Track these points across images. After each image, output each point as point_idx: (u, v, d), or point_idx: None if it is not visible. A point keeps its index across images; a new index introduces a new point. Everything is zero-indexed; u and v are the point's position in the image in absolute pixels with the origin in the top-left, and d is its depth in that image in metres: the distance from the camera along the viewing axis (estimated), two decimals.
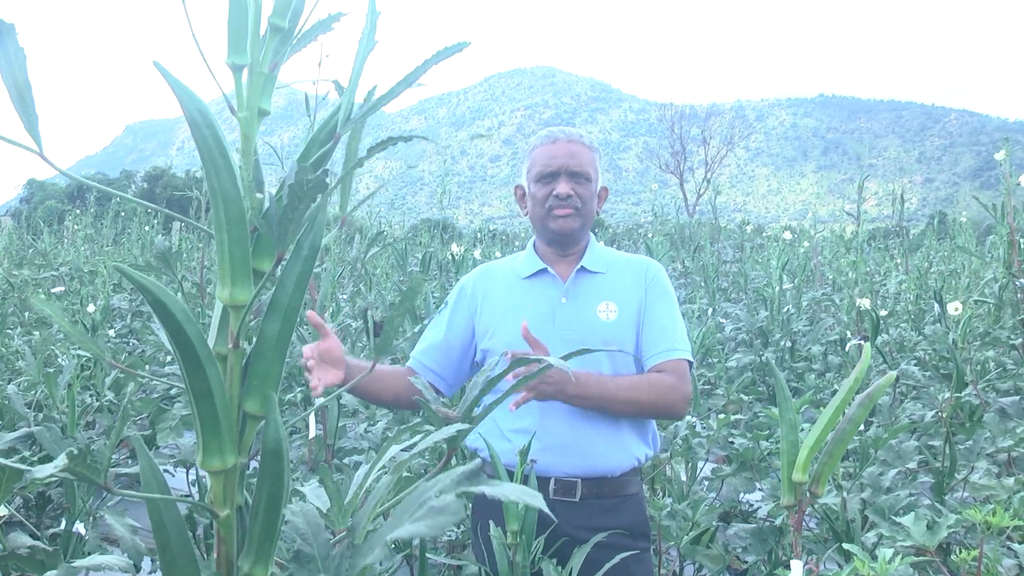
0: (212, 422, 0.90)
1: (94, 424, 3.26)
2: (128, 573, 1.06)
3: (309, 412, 1.07)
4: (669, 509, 2.63)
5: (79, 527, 2.26)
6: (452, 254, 6.38)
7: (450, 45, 0.93)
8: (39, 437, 2.22)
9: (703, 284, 7.91)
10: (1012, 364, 3.94)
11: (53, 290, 6.16)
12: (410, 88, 0.94)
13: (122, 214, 11.83)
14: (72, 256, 8.35)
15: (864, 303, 4.16)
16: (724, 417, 3.05)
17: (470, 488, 0.76)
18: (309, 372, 1.98)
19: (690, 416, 3.25)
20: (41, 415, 2.98)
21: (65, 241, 10.26)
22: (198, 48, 0.87)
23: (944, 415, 2.94)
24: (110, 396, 3.35)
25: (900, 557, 1.28)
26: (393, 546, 2.64)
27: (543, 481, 2.12)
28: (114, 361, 1.00)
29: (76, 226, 10.57)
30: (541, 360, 0.97)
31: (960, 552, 1.51)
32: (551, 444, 2.12)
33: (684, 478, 3.05)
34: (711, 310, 6.54)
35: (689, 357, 2.22)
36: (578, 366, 2.11)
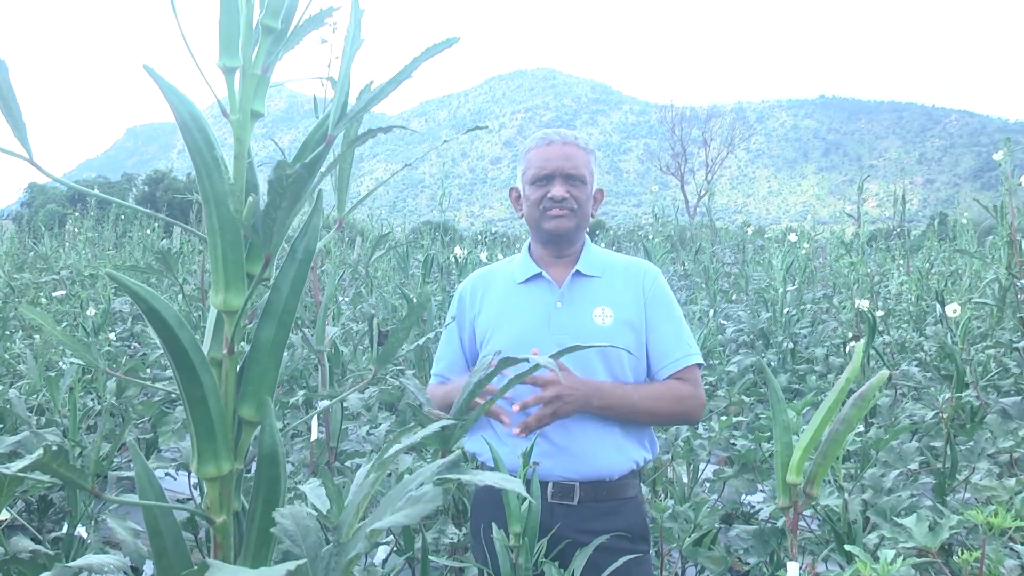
0: (207, 428, 0.90)
1: (96, 428, 3.26)
2: (124, 572, 1.06)
3: (312, 416, 1.07)
4: (671, 511, 2.63)
5: (81, 531, 2.26)
6: (455, 257, 6.38)
7: (439, 41, 0.93)
8: (27, 444, 2.22)
9: (704, 286, 7.91)
10: (1014, 365, 3.94)
11: (54, 294, 6.16)
12: (407, 86, 0.94)
13: (122, 217, 11.83)
14: (73, 260, 8.35)
15: (863, 304, 4.16)
16: (726, 419, 3.05)
17: (449, 476, 0.76)
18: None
19: None
20: (43, 419, 2.98)
21: (66, 245, 10.27)
22: (189, 51, 0.87)
23: (945, 416, 2.94)
24: (112, 400, 3.35)
25: (902, 558, 1.27)
26: (394, 549, 2.64)
27: (541, 485, 2.12)
28: (108, 368, 0.99)
29: (77, 230, 10.57)
30: (536, 363, 0.97)
31: (962, 553, 1.51)
32: (549, 448, 2.12)
33: (686, 480, 3.04)
34: (712, 312, 6.54)
35: (699, 359, 2.26)
36: (573, 370, 2.12)
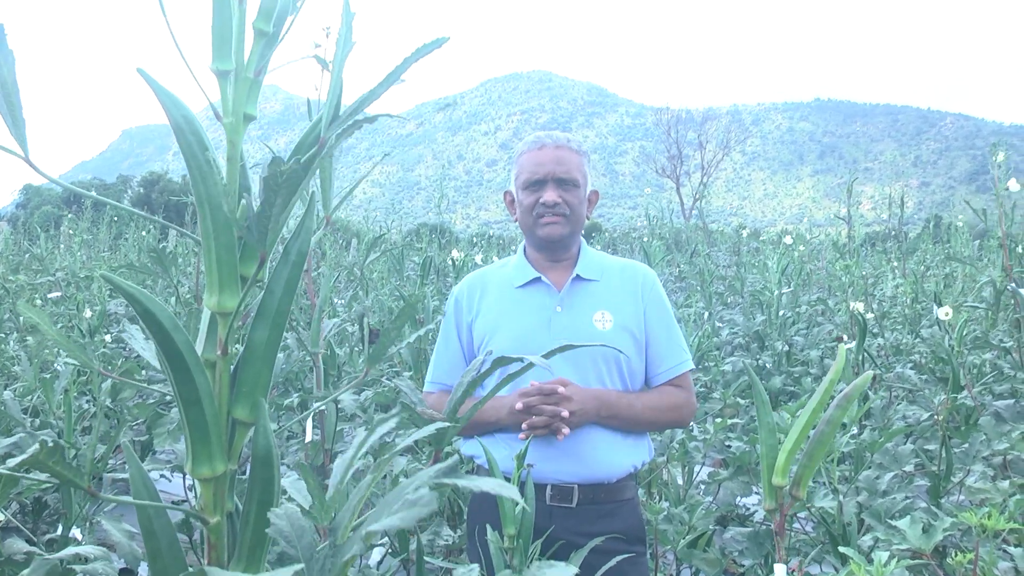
0: (201, 429, 0.90)
1: (91, 430, 3.26)
2: (103, 560, 1.06)
3: (307, 415, 1.07)
4: (666, 513, 2.63)
5: (75, 532, 2.26)
6: (452, 259, 6.38)
7: (429, 42, 0.93)
8: (22, 444, 2.21)
9: (699, 288, 7.92)
10: (1008, 367, 3.95)
11: (50, 295, 6.15)
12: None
13: (115, 220, 11.81)
14: (69, 261, 8.33)
15: (858, 307, 4.17)
16: (721, 421, 3.05)
17: (445, 481, 0.77)
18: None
19: None
20: (38, 421, 2.97)
21: (62, 246, 10.24)
22: (181, 54, 0.87)
23: (940, 418, 2.95)
24: (107, 401, 3.35)
25: (896, 560, 1.28)
26: (389, 551, 2.64)
27: (540, 487, 2.12)
28: (104, 370, 0.99)
29: (73, 231, 10.55)
30: (529, 362, 0.97)
31: (956, 555, 1.51)
32: (548, 451, 2.12)
33: (681, 482, 3.05)
34: (707, 314, 6.55)
35: (691, 365, 2.32)
36: (571, 374, 2.13)
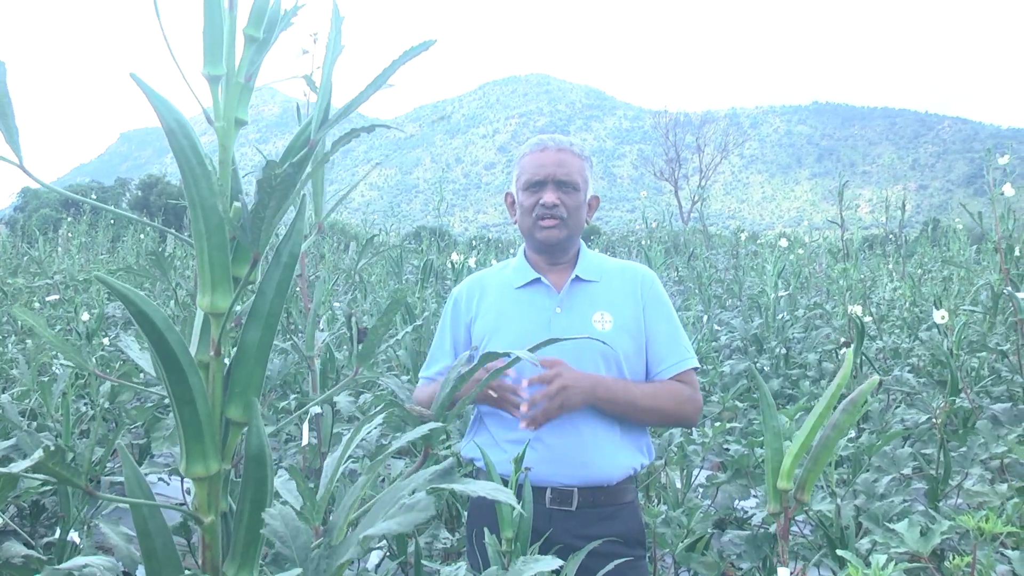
0: (195, 429, 0.91)
1: (89, 432, 3.25)
2: (110, 570, 1.06)
3: (299, 413, 1.07)
4: (664, 516, 2.63)
5: (73, 535, 2.26)
6: (452, 262, 6.39)
7: (416, 44, 0.94)
8: (21, 444, 2.21)
9: (697, 291, 7.92)
10: (1006, 371, 3.95)
11: (48, 298, 6.14)
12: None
13: (113, 223, 11.80)
14: (67, 264, 8.33)
15: (856, 310, 4.17)
16: (719, 424, 3.05)
17: (442, 485, 0.77)
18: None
19: None
20: (36, 424, 2.97)
21: (59, 249, 10.24)
22: (173, 59, 0.88)
23: (938, 421, 2.95)
24: (105, 404, 3.34)
25: (894, 563, 1.28)
26: (387, 554, 2.63)
27: (540, 491, 2.12)
28: (100, 372, 1.00)
29: (71, 234, 10.55)
30: (516, 356, 0.97)
31: (954, 558, 1.51)
32: (547, 454, 2.12)
33: (679, 485, 3.05)
34: (706, 317, 6.55)
35: (696, 363, 2.28)
36: None
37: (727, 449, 3.03)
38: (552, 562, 1.16)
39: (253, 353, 0.94)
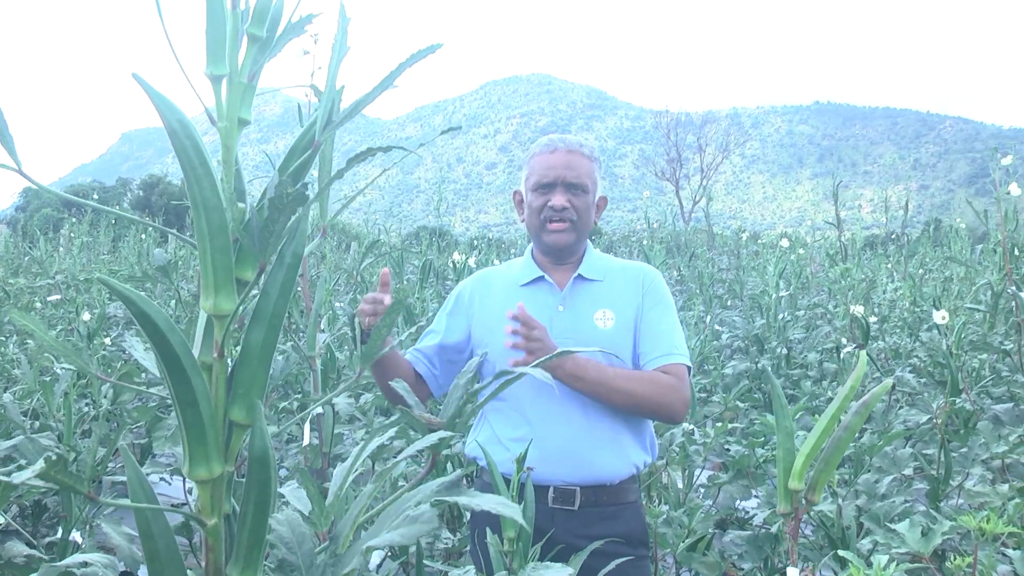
0: (198, 431, 0.90)
1: (91, 433, 3.26)
2: (109, 568, 1.06)
3: (303, 416, 1.07)
4: (665, 516, 2.63)
5: (75, 535, 2.26)
6: (454, 262, 6.39)
7: (423, 48, 0.94)
8: (22, 449, 2.21)
9: (699, 291, 7.92)
10: (1007, 370, 3.95)
11: (49, 298, 6.15)
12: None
13: (114, 222, 11.80)
14: (68, 264, 8.33)
15: (858, 310, 4.17)
16: (721, 425, 3.05)
17: (447, 498, 0.77)
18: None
19: (687, 423, 3.26)
20: (37, 424, 2.97)
21: (61, 249, 10.23)
22: (176, 60, 0.87)
23: (939, 422, 2.95)
24: (107, 404, 3.35)
25: (895, 564, 1.28)
26: (389, 554, 2.63)
27: (542, 489, 2.11)
28: (101, 374, 1.00)
29: (72, 234, 10.55)
30: (521, 373, 0.97)
31: (955, 559, 1.51)
32: (549, 452, 2.12)
33: (680, 485, 3.05)
34: (708, 318, 6.55)
35: (688, 362, 2.21)
36: None
37: (728, 449, 3.03)
38: (562, 571, 1.15)
39: (257, 354, 0.94)
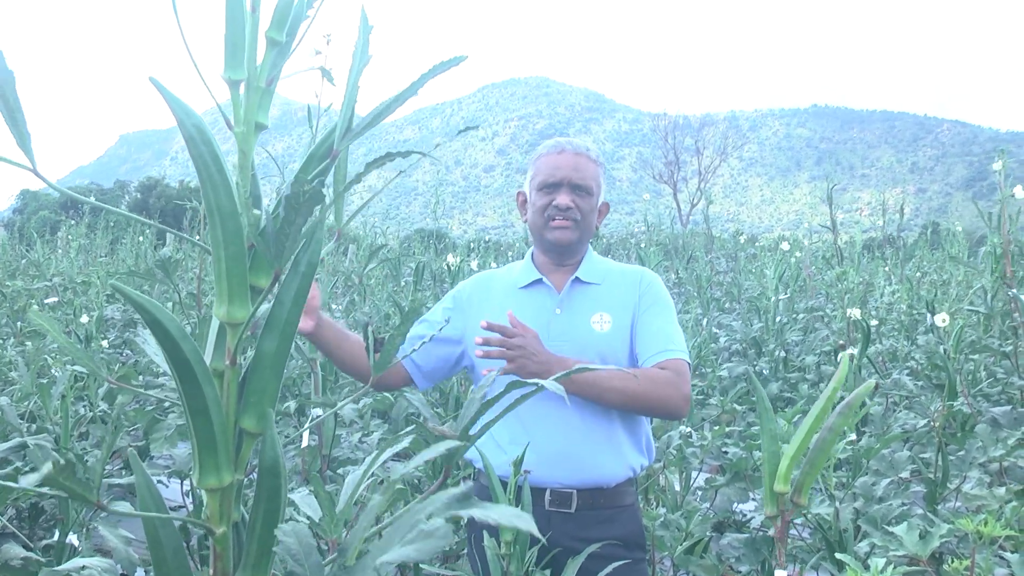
0: (209, 440, 0.89)
1: (88, 435, 3.25)
2: (108, 572, 1.05)
3: (310, 425, 1.07)
4: (663, 519, 2.63)
5: (72, 538, 2.25)
6: (448, 264, 6.38)
7: (446, 60, 0.93)
8: (31, 456, 2.21)
9: (697, 294, 7.93)
10: (1003, 373, 3.95)
11: (46, 301, 6.14)
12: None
13: (112, 225, 11.79)
14: (65, 267, 8.32)
15: (855, 313, 4.18)
16: (718, 428, 3.05)
17: (460, 512, 0.76)
18: None
19: (684, 426, 3.26)
20: (34, 426, 2.97)
21: (58, 252, 10.22)
22: (194, 64, 0.87)
23: (936, 425, 2.95)
24: (104, 407, 3.34)
25: (892, 567, 1.28)
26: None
27: (539, 492, 2.11)
28: (109, 377, 0.99)
29: (70, 236, 10.54)
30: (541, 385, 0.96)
31: (952, 562, 1.51)
32: (546, 455, 2.12)
33: (678, 488, 3.05)
34: (704, 320, 6.55)
35: (687, 358, 2.18)
36: None
37: (726, 452, 3.03)
38: None
39: (269, 363, 0.93)
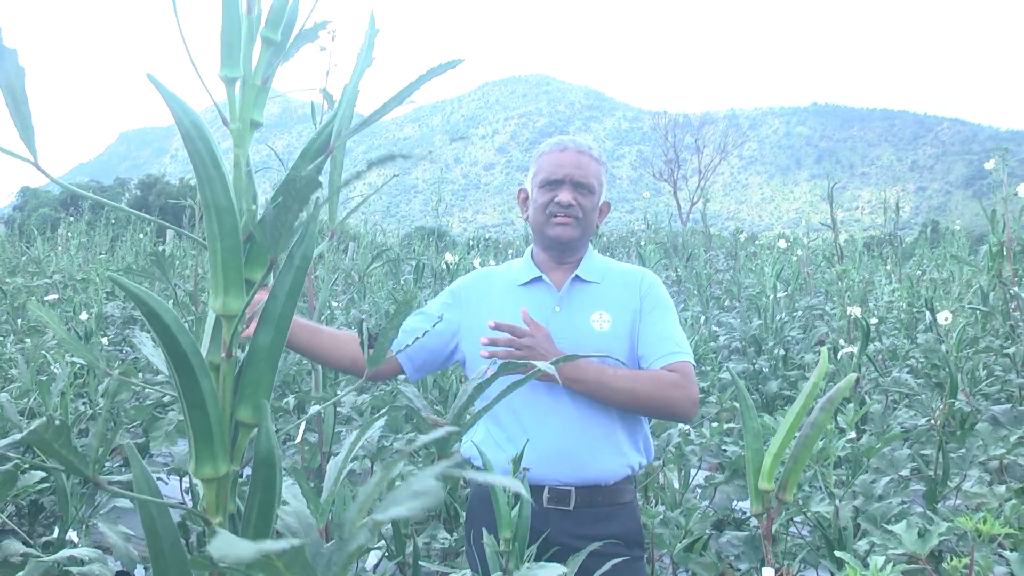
0: (205, 431, 0.91)
1: (87, 432, 3.25)
2: (99, 562, 1.06)
3: (306, 417, 1.07)
4: (662, 517, 2.63)
5: (72, 535, 2.26)
6: (446, 263, 6.39)
7: (444, 62, 0.94)
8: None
9: (696, 292, 7.93)
10: (1000, 370, 3.95)
11: (46, 298, 6.14)
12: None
13: (112, 222, 11.79)
14: (65, 264, 8.33)
15: (855, 312, 4.18)
16: (717, 425, 3.06)
17: (454, 472, 0.77)
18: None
19: (682, 423, 3.26)
20: (34, 423, 2.97)
21: (58, 249, 10.22)
22: (191, 62, 0.88)
23: (937, 423, 2.95)
24: (103, 403, 3.34)
25: (892, 565, 1.28)
26: (386, 554, 2.63)
27: (537, 490, 2.12)
28: (109, 371, 1.00)
29: (70, 234, 10.54)
30: (539, 369, 0.97)
31: (952, 560, 1.51)
32: (544, 453, 2.12)
33: (677, 486, 3.05)
34: (704, 318, 6.56)
35: (690, 359, 2.19)
36: None
37: (725, 450, 3.04)
38: (556, 569, 1.16)
39: (264, 355, 0.95)
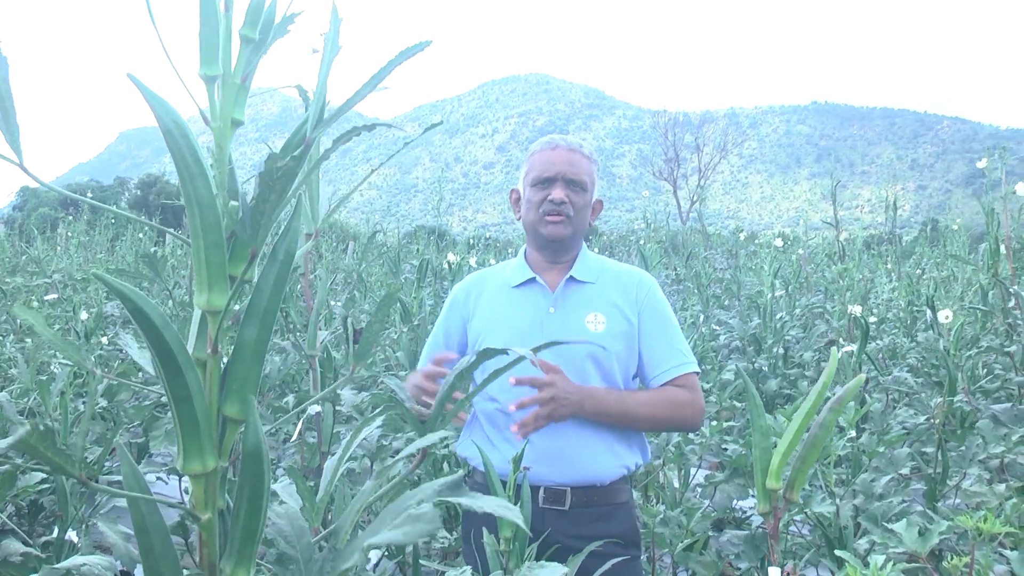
0: (192, 426, 0.91)
1: (87, 432, 3.25)
2: (112, 573, 1.06)
3: (297, 411, 1.07)
4: (662, 516, 2.63)
5: (71, 534, 2.25)
6: (448, 263, 6.38)
7: (412, 45, 0.94)
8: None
9: (696, 291, 7.92)
10: (1000, 368, 3.95)
11: (46, 297, 6.14)
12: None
13: (112, 221, 11.79)
14: (65, 263, 8.32)
15: (855, 310, 4.18)
16: (717, 424, 3.05)
17: (449, 498, 0.77)
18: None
19: None
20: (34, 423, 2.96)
21: (58, 248, 10.22)
22: (169, 61, 0.88)
23: (937, 422, 2.95)
24: (103, 403, 3.34)
25: (892, 563, 1.28)
26: (386, 553, 2.63)
27: (532, 490, 2.11)
28: (97, 370, 1.00)
29: (69, 233, 10.54)
30: (518, 356, 0.95)
31: (952, 559, 1.51)
32: (540, 453, 2.12)
33: (677, 485, 3.05)
34: (703, 317, 6.55)
35: (695, 368, 2.26)
36: (566, 374, 2.12)
37: (725, 449, 3.03)
38: (557, 569, 1.16)
39: (250, 350, 0.95)
